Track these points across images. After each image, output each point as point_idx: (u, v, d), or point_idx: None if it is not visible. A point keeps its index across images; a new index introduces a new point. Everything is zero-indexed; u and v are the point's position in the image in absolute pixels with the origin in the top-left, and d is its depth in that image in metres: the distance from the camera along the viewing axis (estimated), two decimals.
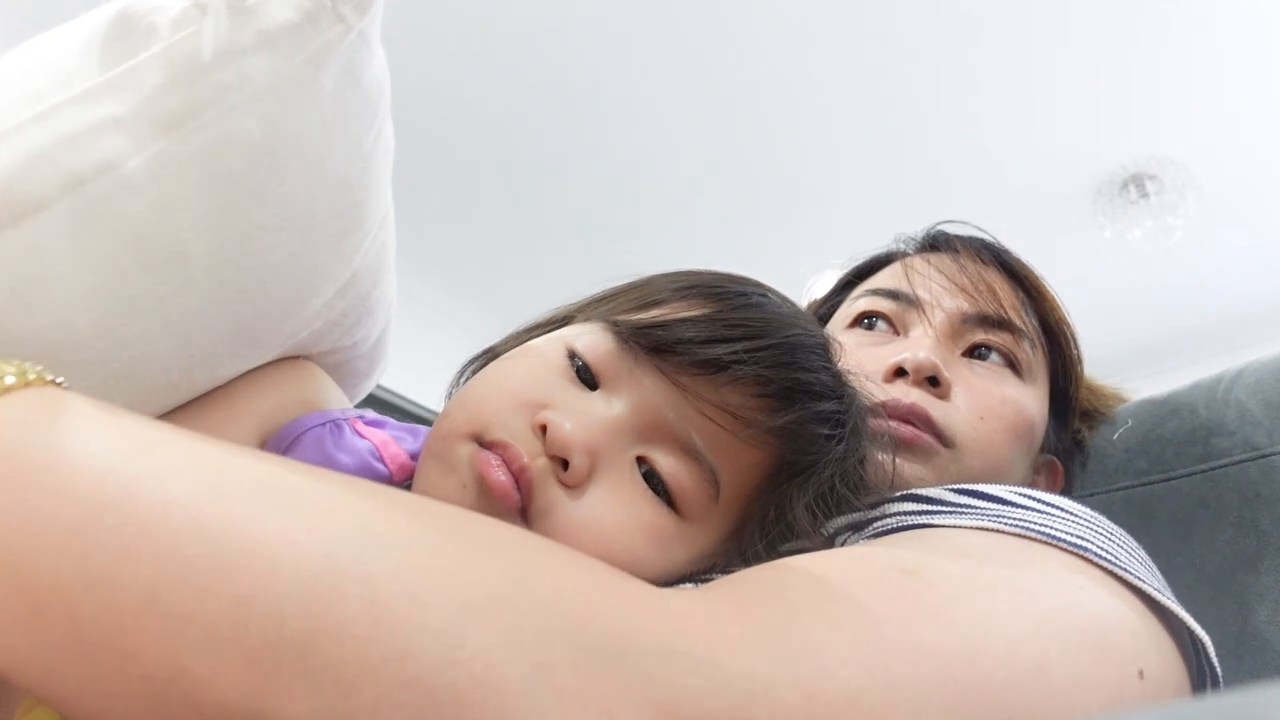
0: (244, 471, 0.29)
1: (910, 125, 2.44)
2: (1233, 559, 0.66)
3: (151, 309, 0.43)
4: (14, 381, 0.30)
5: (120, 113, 0.42)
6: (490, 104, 2.38)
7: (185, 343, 0.46)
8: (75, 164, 0.41)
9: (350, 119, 0.48)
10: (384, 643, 0.25)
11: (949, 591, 0.36)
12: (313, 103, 0.46)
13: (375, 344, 0.64)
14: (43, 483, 0.27)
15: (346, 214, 0.50)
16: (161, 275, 0.43)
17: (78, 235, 0.41)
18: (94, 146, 0.41)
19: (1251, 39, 2.17)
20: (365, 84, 0.48)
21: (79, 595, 0.25)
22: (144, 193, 0.42)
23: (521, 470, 0.42)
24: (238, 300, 0.47)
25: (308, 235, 0.48)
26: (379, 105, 0.51)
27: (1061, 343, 0.71)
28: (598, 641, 0.26)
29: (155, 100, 0.43)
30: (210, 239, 0.44)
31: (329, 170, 0.48)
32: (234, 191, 0.44)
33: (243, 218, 0.45)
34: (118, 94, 0.42)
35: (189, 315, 0.45)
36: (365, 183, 0.51)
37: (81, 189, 0.41)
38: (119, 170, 0.42)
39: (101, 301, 0.42)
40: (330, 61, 0.46)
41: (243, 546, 0.26)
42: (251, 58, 0.44)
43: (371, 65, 0.49)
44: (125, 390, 0.44)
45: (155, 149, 0.42)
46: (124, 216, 0.42)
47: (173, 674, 0.24)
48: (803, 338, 0.47)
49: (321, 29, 0.45)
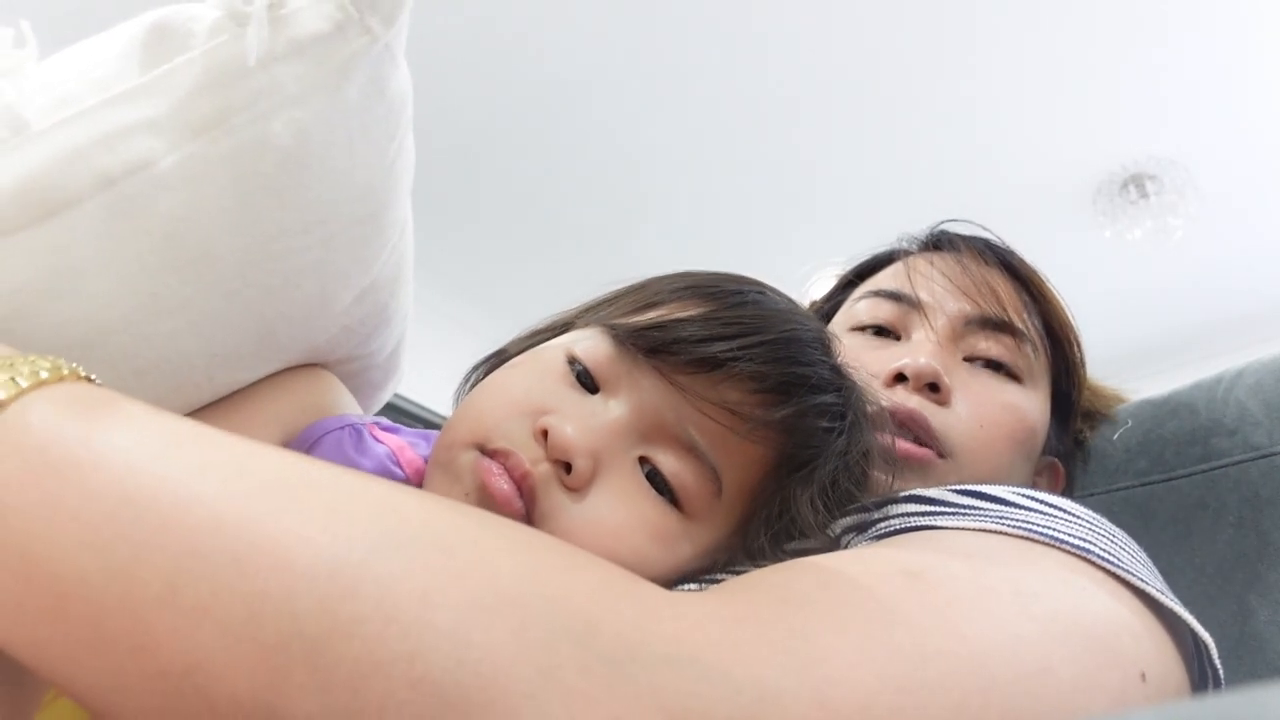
0: (265, 468, 0.29)
1: (910, 125, 2.43)
2: (1233, 559, 0.66)
3: (178, 307, 0.44)
4: (48, 376, 0.31)
5: (154, 115, 0.43)
6: (494, 108, 2.37)
7: (209, 342, 0.47)
8: (109, 163, 0.42)
9: (374, 128, 0.49)
10: (393, 641, 0.25)
11: (953, 594, 0.36)
12: (339, 111, 0.47)
13: (391, 355, 0.64)
14: (69, 476, 0.27)
15: (368, 221, 0.51)
16: (188, 274, 0.44)
17: (109, 232, 0.42)
18: (128, 146, 0.42)
19: (1251, 39, 2.16)
20: (390, 95, 0.49)
21: (100, 588, 0.26)
22: (175, 193, 0.43)
23: (524, 476, 0.42)
24: (261, 302, 0.48)
25: (330, 240, 0.49)
26: (402, 116, 0.52)
27: (1064, 346, 0.70)
28: (607, 645, 0.27)
29: (189, 103, 0.44)
30: (237, 240, 0.45)
31: (353, 177, 0.49)
32: (261, 194, 0.45)
33: (269, 220, 0.46)
34: (152, 97, 0.43)
35: (213, 315, 0.46)
36: (387, 191, 0.52)
37: (114, 187, 0.42)
38: (151, 170, 0.42)
39: (129, 298, 0.43)
40: (357, 72, 0.47)
41: (259, 543, 0.26)
42: (283, 65, 0.45)
43: (396, 77, 0.50)
44: (148, 387, 0.45)
45: (187, 150, 0.43)
46: (154, 215, 0.43)
47: (188, 667, 0.25)
48: (799, 332, 0.48)
49: (349, 40, 0.46)
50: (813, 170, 2.61)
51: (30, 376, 0.30)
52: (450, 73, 2.25)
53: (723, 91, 2.33)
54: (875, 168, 2.59)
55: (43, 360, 0.31)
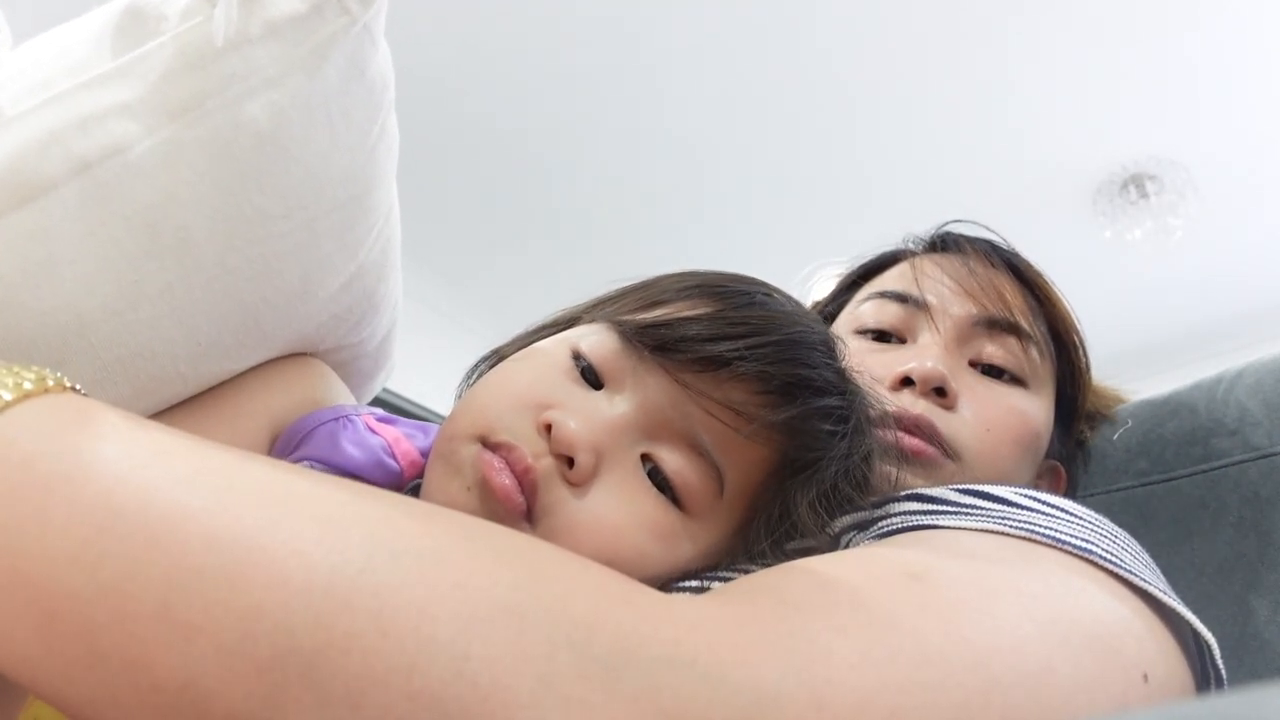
0: (256, 480, 0.29)
1: (910, 125, 2.43)
2: (1233, 559, 0.66)
3: (158, 294, 0.44)
4: (33, 388, 0.30)
5: (129, 98, 0.42)
6: (495, 104, 2.37)
7: (192, 330, 0.46)
8: (84, 147, 0.41)
9: (355, 110, 0.49)
10: (390, 654, 0.25)
11: (955, 595, 0.35)
12: (318, 93, 0.46)
13: (381, 343, 0.64)
14: (57, 490, 0.27)
15: (351, 205, 0.51)
16: (168, 260, 0.43)
17: (85, 218, 0.41)
18: (103, 130, 0.42)
19: (1251, 39, 2.17)
20: (369, 76, 0.49)
21: (91, 604, 0.25)
22: (151, 177, 0.42)
23: (526, 471, 0.42)
24: (244, 289, 0.47)
25: (312, 225, 0.48)
26: (383, 99, 0.51)
27: (1069, 350, 0.70)
28: (605, 651, 0.26)
29: (163, 86, 0.43)
30: (216, 225, 0.44)
31: (333, 160, 0.48)
32: (239, 178, 0.44)
33: (248, 204, 0.45)
34: (127, 80, 0.43)
35: (195, 302, 0.45)
36: (369, 175, 0.51)
37: (90, 172, 0.41)
38: (127, 154, 0.42)
39: (108, 285, 0.42)
40: (335, 53, 0.46)
41: (252, 557, 0.26)
42: (258, 47, 0.44)
43: (375, 58, 0.49)
44: (132, 377, 0.44)
45: (163, 134, 0.43)
46: (131, 200, 0.42)
47: (183, 684, 0.24)
48: (805, 334, 0.48)
49: (327, 20, 0.46)
50: (815, 172, 2.61)
51: (14, 389, 0.30)
52: (454, 69, 2.25)
53: (725, 95, 2.33)
54: (875, 168, 2.59)
55: (27, 371, 0.31)
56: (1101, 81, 2.28)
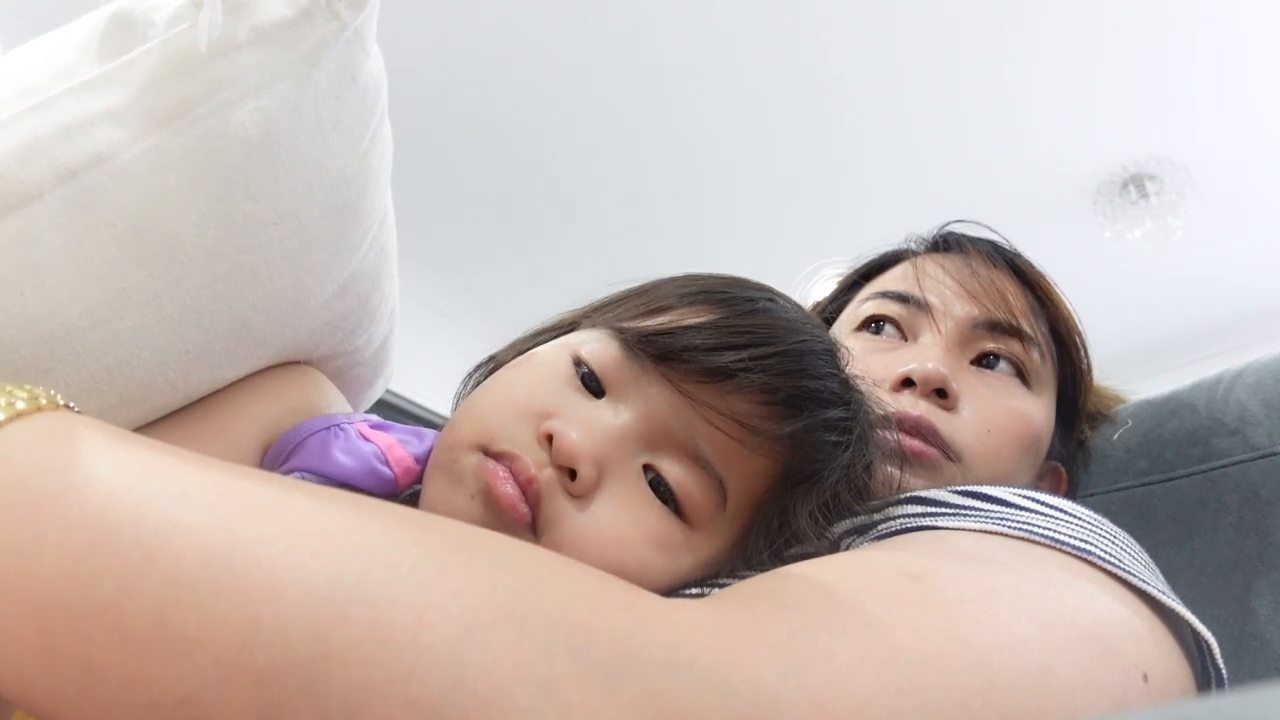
0: (249, 494, 0.29)
1: (911, 126, 2.44)
2: (1233, 559, 0.66)
3: (145, 302, 0.43)
4: (25, 406, 0.30)
5: (115, 105, 0.42)
6: (496, 104, 2.37)
7: (180, 338, 0.45)
8: (70, 155, 0.41)
9: (345, 116, 0.48)
10: (389, 664, 0.24)
11: (954, 597, 0.35)
12: (308, 99, 0.45)
13: (378, 350, 0.63)
14: (50, 509, 0.27)
15: (343, 212, 0.50)
16: (155, 268, 0.43)
17: (71, 226, 0.41)
18: (89, 138, 0.41)
19: (1251, 39, 2.17)
20: (361, 82, 0.48)
21: (87, 621, 0.25)
22: (138, 185, 0.42)
23: (529, 482, 0.41)
24: (233, 296, 0.46)
25: (303, 232, 0.48)
26: (376, 104, 0.51)
27: (1071, 351, 0.70)
28: (604, 655, 0.26)
29: (150, 93, 0.43)
30: (204, 233, 0.44)
31: (325, 167, 0.48)
32: (228, 185, 0.44)
33: (237, 212, 0.45)
34: (113, 87, 0.42)
35: (183, 310, 0.45)
36: (361, 181, 0.51)
37: (75, 179, 0.41)
38: (113, 162, 0.41)
39: (94, 293, 0.42)
40: (325, 58, 0.46)
41: (248, 571, 0.26)
42: (246, 53, 0.44)
43: (367, 64, 0.49)
44: (120, 386, 0.44)
45: (150, 142, 0.42)
46: (118, 208, 0.42)
47: (181, 699, 0.24)
48: (810, 344, 0.47)
49: (316, 26, 0.45)
50: (815, 172, 2.61)
51: (6, 408, 0.30)
52: (450, 70, 2.25)
53: (724, 95, 2.33)
54: (875, 168, 2.59)
55: (19, 390, 0.31)
56: (1101, 81, 2.28)
